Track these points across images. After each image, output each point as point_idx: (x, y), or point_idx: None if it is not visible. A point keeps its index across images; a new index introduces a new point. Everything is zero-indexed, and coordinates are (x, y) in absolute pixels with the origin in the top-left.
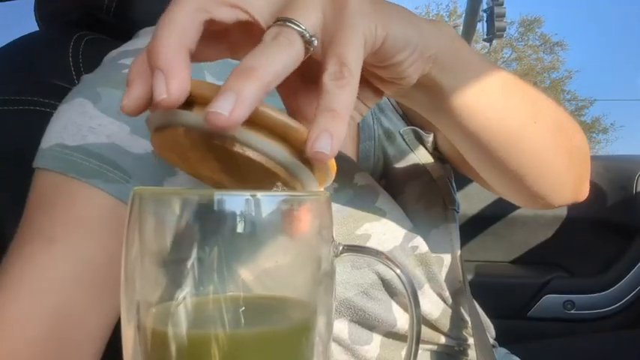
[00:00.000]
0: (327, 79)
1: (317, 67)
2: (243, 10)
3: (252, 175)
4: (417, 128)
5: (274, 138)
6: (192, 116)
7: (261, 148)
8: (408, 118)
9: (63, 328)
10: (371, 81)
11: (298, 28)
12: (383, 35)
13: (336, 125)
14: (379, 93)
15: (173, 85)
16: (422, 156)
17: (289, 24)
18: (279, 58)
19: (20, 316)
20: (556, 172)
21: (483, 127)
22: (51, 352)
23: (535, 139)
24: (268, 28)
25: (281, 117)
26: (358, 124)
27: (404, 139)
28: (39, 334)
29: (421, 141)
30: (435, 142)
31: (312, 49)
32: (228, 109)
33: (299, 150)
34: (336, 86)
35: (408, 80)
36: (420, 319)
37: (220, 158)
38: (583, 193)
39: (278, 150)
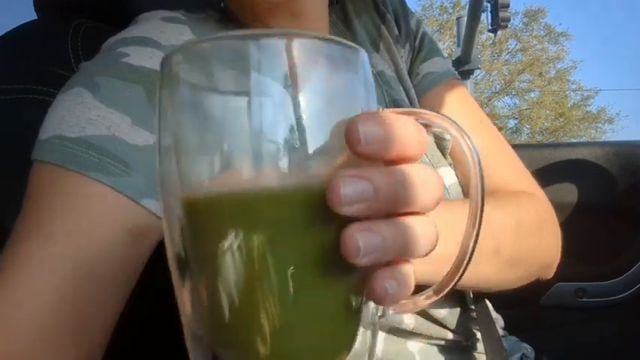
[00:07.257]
0: None
1: None
2: None
3: None
4: (435, 130)
5: None
6: None
7: None
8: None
9: (63, 326)
10: None
11: None
12: None
13: None
14: None
15: None
16: (436, 160)
17: None
18: None
19: (18, 315)
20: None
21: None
22: (51, 350)
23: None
24: None
25: None
26: None
27: None
28: (38, 333)
29: (439, 146)
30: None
31: None
32: None
33: None
34: None
35: None
36: (484, 183)
37: None
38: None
39: None
